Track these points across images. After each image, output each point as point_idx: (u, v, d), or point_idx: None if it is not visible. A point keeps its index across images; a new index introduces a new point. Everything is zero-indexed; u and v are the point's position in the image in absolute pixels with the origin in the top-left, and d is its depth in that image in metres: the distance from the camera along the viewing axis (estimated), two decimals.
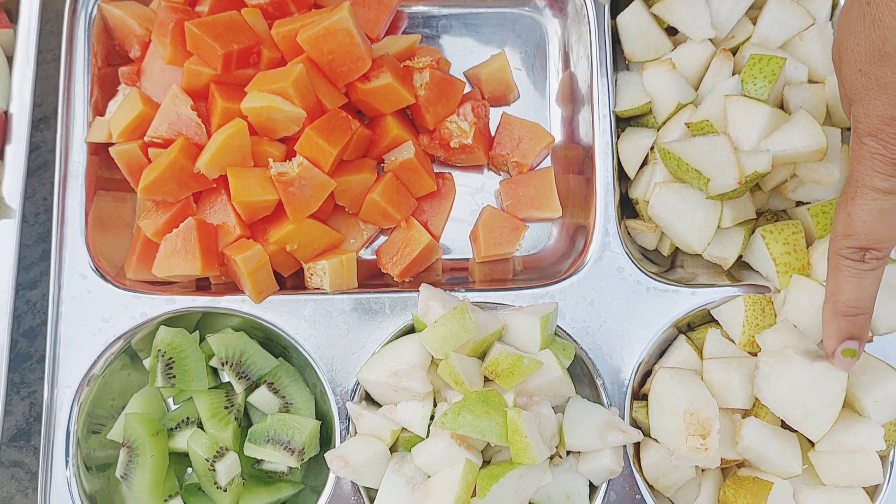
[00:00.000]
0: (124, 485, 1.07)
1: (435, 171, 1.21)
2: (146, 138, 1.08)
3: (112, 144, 1.11)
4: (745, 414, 1.04)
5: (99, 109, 1.15)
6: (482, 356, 1.06)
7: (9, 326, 1.06)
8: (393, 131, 1.12)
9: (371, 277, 1.18)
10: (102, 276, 1.10)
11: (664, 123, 1.16)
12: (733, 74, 1.14)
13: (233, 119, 1.06)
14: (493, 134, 1.22)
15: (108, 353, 1.08)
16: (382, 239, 1.21)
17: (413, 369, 1.04)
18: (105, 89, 1.16)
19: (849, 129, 1.16)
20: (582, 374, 1.13)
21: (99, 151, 1.14)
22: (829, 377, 0.98)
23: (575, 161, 1.22)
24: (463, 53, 1.26)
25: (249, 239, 1.08)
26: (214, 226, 1.08)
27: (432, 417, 1.04)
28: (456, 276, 1.21)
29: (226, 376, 1.13)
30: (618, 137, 1.18)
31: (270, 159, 1.06)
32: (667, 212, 1.10)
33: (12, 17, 1.18)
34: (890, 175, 0.86)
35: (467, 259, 1.23)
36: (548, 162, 1.25)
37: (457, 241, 1.23)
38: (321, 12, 1.10)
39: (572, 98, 1.23)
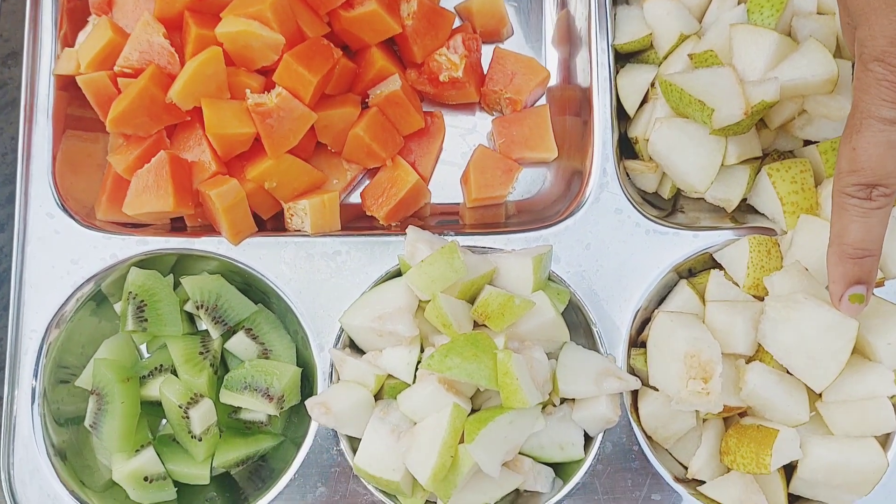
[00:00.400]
0: (94, 435, 1.02)
1: (424, 110, 1.15)
2: (116, 68, 1.02)
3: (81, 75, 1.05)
4: (749, 360, 0.99)
5: (68, 41, 1.09)
6: (472, 300, 1.00)
7: None
8: (378, 63, 1.06)
9: (356, 221, 1.12)
10: (70, 216, 1.04)
11: (666, 57, 1.10)
12: (738, 4, 1.08)
13: (208, 47, 0.99)
14: (485, 72, 1.16)
15: (76, 296, 1.03)
16: (368, 184, 1.14)
17: (399, 312, 0.98)
18: (74, 21, 1.10)
19: None
20: (577, 322, 1.07)
21: (69, 87, 1.08)
22: (840, 324, 0.92)
23: (572, 102, 1.16)
24: None
25: (226, 175, 1.02)
26: (189, 162, 1.02)
27: (419, 364, 0.99)
28: (446, 221, 1.15)
29: (203, 323, 1.07)
30: (616, 73, 1.11)
31: (248, 90, 1.00)
32: (668, 149, 1.03)
33: None
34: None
35: (458, 204, 1.16)
36: (543, 101, 1.18)
37: (447, 184, 1.17)
38: None
39: (569, 38, 1.17)
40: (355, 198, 1.14)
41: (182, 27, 1.03)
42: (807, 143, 1.09)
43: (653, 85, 1.10)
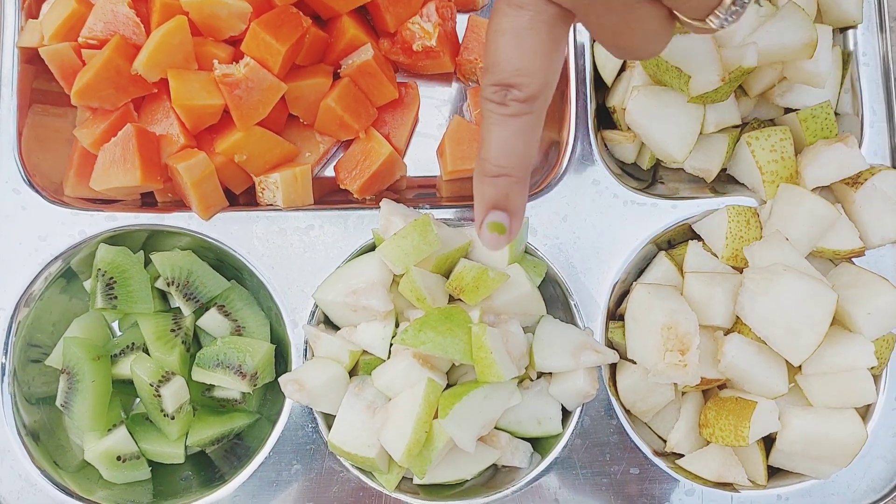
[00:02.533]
0: (65, 414, 1.00)
1: (398, 80, 1.12)
2: (80, 39, 0.99)
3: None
4: (727, 332, 0.97)
5: (32, 13, 1.06)
6: (447, 274, 0.98)
7: None
8: (349, 31, 1.03)
9: (329, 195, 1.10)
10: (37, 192, 1.02)
11: None
12: None
13: (174, 17, 0.97)
14: (460, 41, 1.13)
15: (45, 273, 1.01)
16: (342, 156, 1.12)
17: (372, 287, 0.96)
18: None
19: (843, 28, 1.08)
20: (555, 295, 1.05)
21: (34, 61, 1.05)
22: (819, 295, 0.92)
23: None
24: None
25: (195, 149, 1.00)
26: (157, 135, 1.00)
27: (394, 339, 0.97)
28: (422, 194, 1.13)
29: (175, 301, 1.05)
30: (593, 42, 1.09)
31: (215, 61, 0.98)
32: (645, 118, 1.02)
33: None
34: None
35: (435, 176, 1.14)
36: None
37: (423, 157, 1.15)
38: None
39: None
40: (329, 171, 1.12)
41: None
42: (787, 111, 1.07)
43: None
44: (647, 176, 1.13)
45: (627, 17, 0.65)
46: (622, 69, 1.09)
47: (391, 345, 0.97)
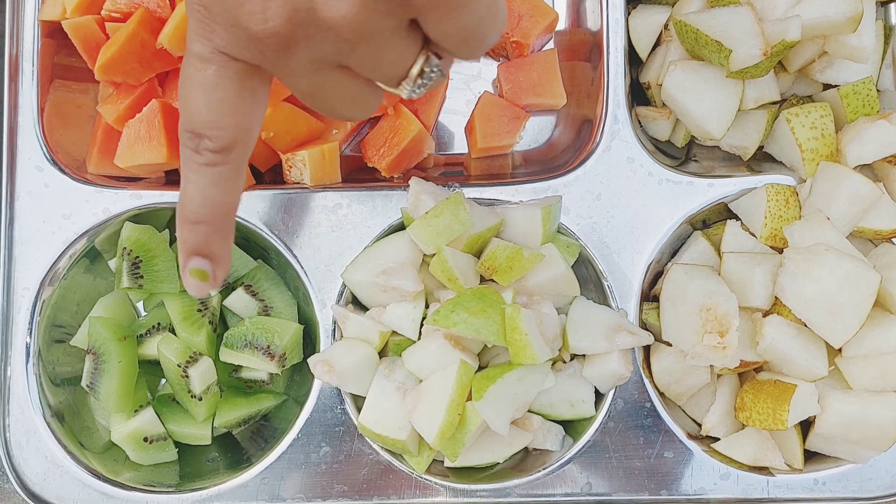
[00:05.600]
0: (91, 395, 0.99)
1: None
2: (103, 12, 0.97)
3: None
4: (766, 314, 0.95)
5: None
6: (478, 254, 0.96)
7: None
8: None
9: (357, 173, 1.08)
10: (60, 169, 1.00)
11: None
12: None
13: None
14: None
15: (69, 252, 0.99)
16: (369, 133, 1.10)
17: (402, 267, 0.94)
18: None
19: (884, 2, 1.05)
20: (588, 276, 1.03)
21: (55, 35, 1.03)
22: (861, 276, 0.89)
23: (581, 48, 1.11)
24: None
25: None
26: None
27: (424, 320, 0.95)
28: (450, 172, 1.10)
29: None
30: (628, 14, 1.06)
31: None
32: (682, 93, 0.99)
33: None
34: (206, 37, 0.61)
35: (463, 154, 1.12)
36: (551, 46, 1.13)
37: (451, 135, 1.12)
38: None
39: None
40: (356, 148, 1.10)
41: None
42: (826, 87, 1.04)
43: (666, 27, 1.05)
44: (680, 153, 1.10)
45: (318, 82, 0.63)
46: (657, 43, 1.06)
47: (421, 326, 0.95)
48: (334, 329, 0.99)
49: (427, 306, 0.96)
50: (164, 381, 1.05)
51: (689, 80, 0.99)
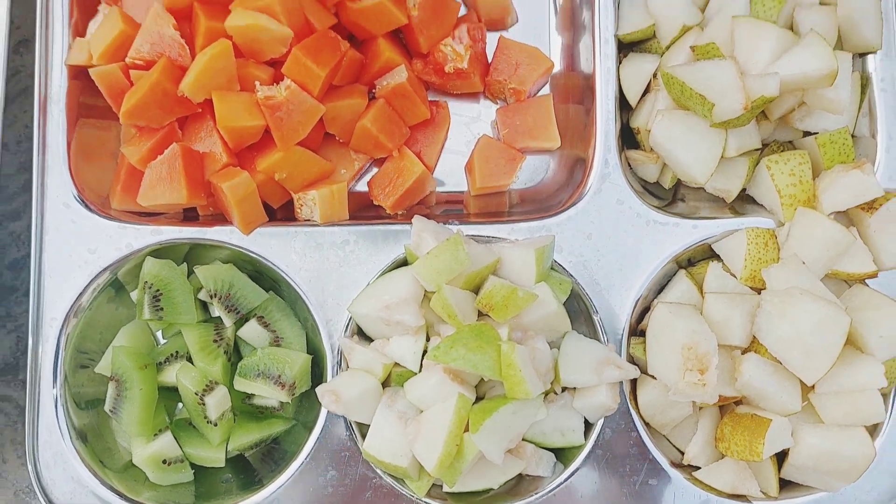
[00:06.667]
0: (113, 419, 1.06)
1: (429, 98, 1.16)
2: (127, 60, 1.03)
3: (93, 67, 1.07)
4: (744, 351, 1.02)
5: (79, 30, 1.10)
6: (476, 290, 1.03)
7: None
8: (385, 54, 1.08)
9: (363, 210, 1.14)
10: (86, 206, 1.06)
11: (668, 48, 1.11)
12: None
13: (217, 39, 1.01)
14: (489, 60, 1.17)
15: (93, 284, 1.06)
16: (375, 171, 1.16)
17: (405, 302, 1.01)
18: (84, 9, 1.11)
19: (862, 54, 1.11)
20: (579, 310, 1.10)
21: (81, 76, 1.10)
22: (833, 319, 0.95)
23: (575, 91, 1.17)
24: None
25: (237, 167, 1.05)
26: (200, 153, 1.04)
27: (425, 352, 1.02)
28: (450, 209, 1.17)
29: (215, 311, 1.10)
30: (619, 63, 1.12)
31: (257, 83, 1.02)
32: (669, 141, 1.05)
33: None
34: None
35: (462, 192, 1.19)
36: (547, 90, 1.20)
37: (451, 172, 1.19)
38: None
39: (573, 24, 1.18)
40: (362, 185, 1.16)
41: (191, 17, 1.05)
42: (806, 133, 1.10)
43: (655, 76, 1.11)
44: (667, 194, 1.17)
45: None
46: (646, 90, 1.12)
47: (423, 358, 1.01)
48: (340, 358, 1.06)
49: (428, 339, 1.03)
50: (180, 405, 1.11)
51: (675, 128, 1.05)
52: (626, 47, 1.15)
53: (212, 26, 1.01)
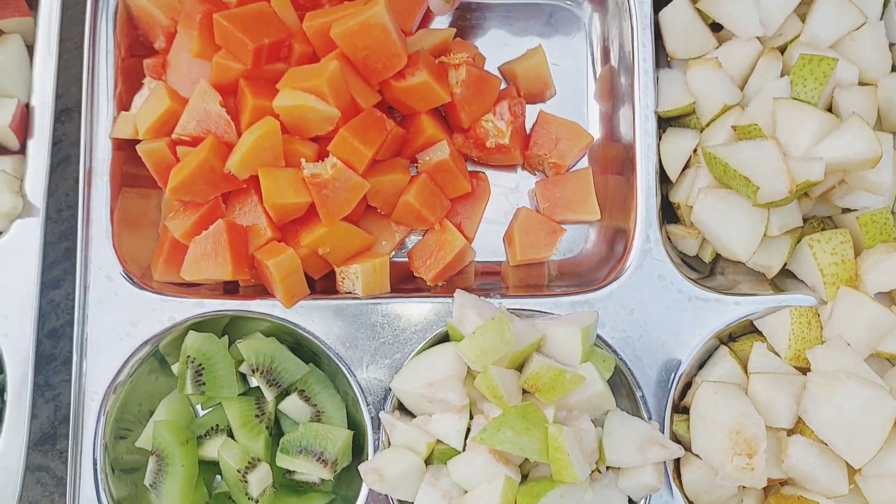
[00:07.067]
0: (153, 493, 1.05)
1: (469, 169, 1.17)
2: (174, 136, 1.04)
3: (137, 140, 1.07)
4: (790, 432, 1.02)
5: (123, 102, 1.11)
6: (520, 367, 1.03)
7: (34, 330, 1.03)
8: (428, 131, 1.08)
9: (402, 280, 1.15)
10: (129, 279, 1.07)
11: (708, 125, 1.12)
12: (781, 75, 1.10)
13: (264, 117, 1.02)
14: (528, 132, 1.18)
15: (135, 358, 1.06)
16: (413, 238, 1.17)
17: (449, 380, 1.01)
18: (129, 81, 1.12)
19: None
20: (620, 385, 1.10)
21: (124, 147, 1.11)
22: (879, 402, 0.96)
23: (614, 161, 1.18)
24: (497, 46, 1.21)
25: (280, 242, 1.05)
26: (244, 227, 1.05)
27: (468, 429, 1.01)
28: (489, 280, 1.17)
29: (254, 380, 1.10)
30: (659, 137, 1.13)
31: (303, 159, 1.03)
32: (711, 219, 1.06)
33: (31, 2, 1.14)
34: None
35: (500, 262, 1.19)
36: (585, 161, 1.20)
37: (489, 242, 1.19)
38: (355, 5, 1.05)
39: (612, 94, 1.19)
40: (400, 253, 1.17)
41: (237, 92, 1.05)
42: (845, 210, 1.11)
43: (695, 151, 1.12)
44: (706, 266, 1.17)
45: None
46: (686, 166, 1.13)
47: (466, 435, 1.01)
48: (381, 432, 1.05)
49: (471, 416, 1.02)
50: (219, 477, 1.11)
51: (718, 207, 1.05)
52: (663, 121, 1.16)
53: (258, 104, 1.02)
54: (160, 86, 1.07)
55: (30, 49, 1.12)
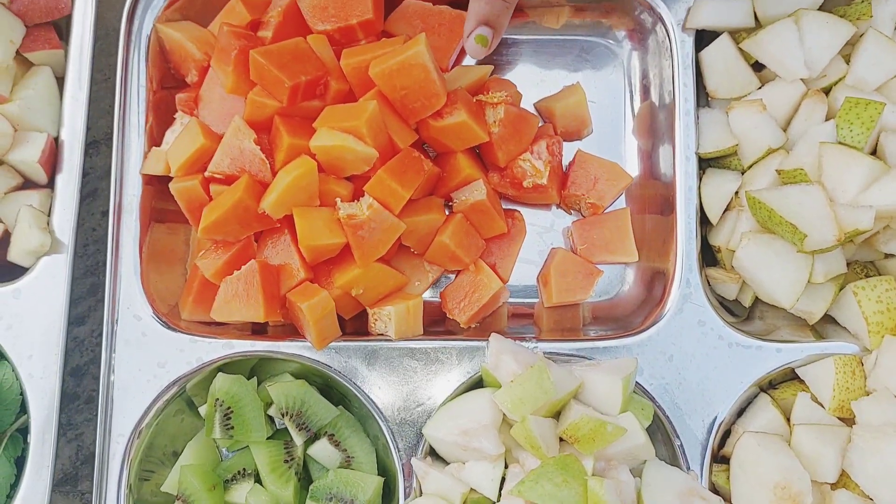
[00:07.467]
0: None
1: (503, 207, 1.15)
2: (207, 173, 1.02)
3: (167, 177, 1.05)
4: (834, 486, 0.99)
5: (154, 137, 1.09)
6: (556, 415, 1.00)
7: (60, 370, 1.01)
8: (465, 171, 1.06)
9: (435, 320, 1.12)
10: (158, 319, 1.04)
11: (750, 167, 1.10)
12: (827, 117, 1.07)
13: (299, 155, 1.00)
14: (564, 169, 1.16)
15: (161, 399, 1.03)
16: (446, 277, 1.15)
17: (484, 429, 0.98)
18: (160, 115, 1.10)
19: None
20: (657, 432, 1.07)
21: (153, 181, 1.09)
22: None
23: (652, 200, 1.15)
24: (533, 83, 1.19)
25: (313, 282, 1.03)
26: (276, 267, 1.02)
27: (503, 478, 0.99)
28: (522, 322, 1.15)
29: (278, 422, 1.07)
30: (699, 178, 1.11)
31: (338, 199, 1.00)
32: (754, 265, 1.03)
33: (62, 34, 1.13)
34: None
35: (534, 302, 1.16)
36: (622, 199, 1.18)
37: (522, 281, 1.17)
38: (393, 42, 1.03)
39: (651, 132, 1.16)
40: (433, 293, 1.14)
41: (271, 128, 1.03)
42: (888, 255, 1.08)
43: (736, 194, 1.10)
44: (744, 311, 1.14)
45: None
46: (727, 209, 1.11)
47: (500, 485, 0.98)
48: (412, 478, 1.03)
49: (506, 466, 1.00)
50: None
51: (761, 252, 1.03)
52: (703, 161, 1.14)
53: (294, 143, 1.00)
54: (193, 122, 1.05)
55: (59, 81, 1.10)
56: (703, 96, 1.15)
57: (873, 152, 1.06)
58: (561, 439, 0.99)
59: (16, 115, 1.06)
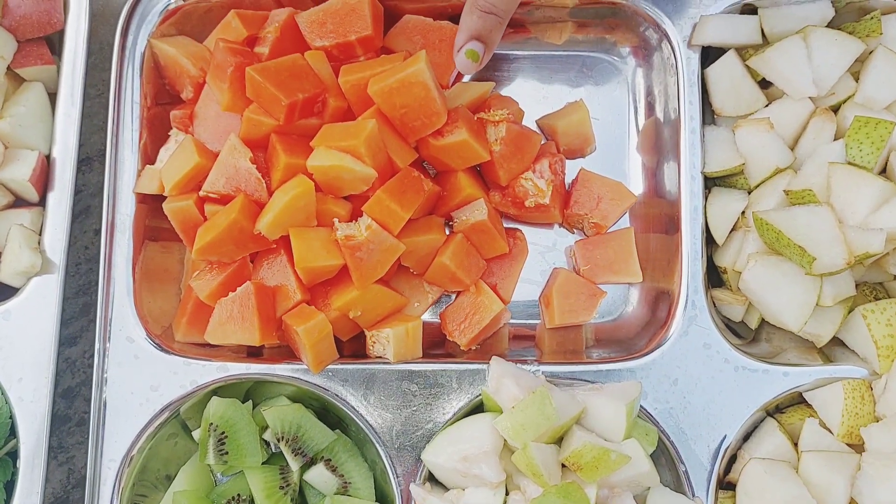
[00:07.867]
0: None
1: (505, 226, 1.13)
2: (202, 193, 1.00)
3: (161, 196, 1.03)
4: None
5: (147, 154, 1.07)
6: (559, 440, 0.98)
7: (50, 393, 0.99)
8: (465, 190, 1.04)
9: (434, 342, 1.10)
10: (151, 341, 1.02)
11: (757, 186, 1.07)
12: (835, 136, 1.05)
13: (296, 175, 0.98)
14: (567, 188, 1.13)
15: (154, 423, 1.01)
16: (445, 298, 1.12)
17: (485, 455, 0.96)
18: (154, 132, 1.08)
19: None
20: (662, 457, 1.05)
21: (147, 200, 1.07)
22: None
23: (657, 219, 1.13)
24: (535, 100, 1.17)
25: (310, 304, 1.00)
26: (272, 288, 1.00)
27: None
28: (524, 344, 1.12)
29: (274, 447, 1.05)
30: (704, 196, 1.08)
31: (336, 220, 0.98)
32: (761, 288, 1.01)
33: (55, 49, 1.10)
34: None
35: (535, 323, 1.14)
36: (626, 218, 1.15)
37: (524, 301, 1.14)
38: (393, 59, 1.01)
39: (655, 149, 1.14)
40: (432, 314, 1.12)
41: (267, 146, 1.01)
42: None
43: (742, 214, 1.08)
44: (750, 333, 1.12)
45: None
46: (733, 229, 1.08)
47: None
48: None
49: (507, 493, 0.97)
50: None
51: (768, 274, 1.01)
52: (709, 179, 1.11)
53: (291, 162, 0.97)
54: (188, 140, 1.03)
55: (52, 97, 1.08)
56: (708, 114, 1.13)
57: (882, 172, 1.04)
58: (563, 465, 0.97)
59: (6, 133, 1.04)
